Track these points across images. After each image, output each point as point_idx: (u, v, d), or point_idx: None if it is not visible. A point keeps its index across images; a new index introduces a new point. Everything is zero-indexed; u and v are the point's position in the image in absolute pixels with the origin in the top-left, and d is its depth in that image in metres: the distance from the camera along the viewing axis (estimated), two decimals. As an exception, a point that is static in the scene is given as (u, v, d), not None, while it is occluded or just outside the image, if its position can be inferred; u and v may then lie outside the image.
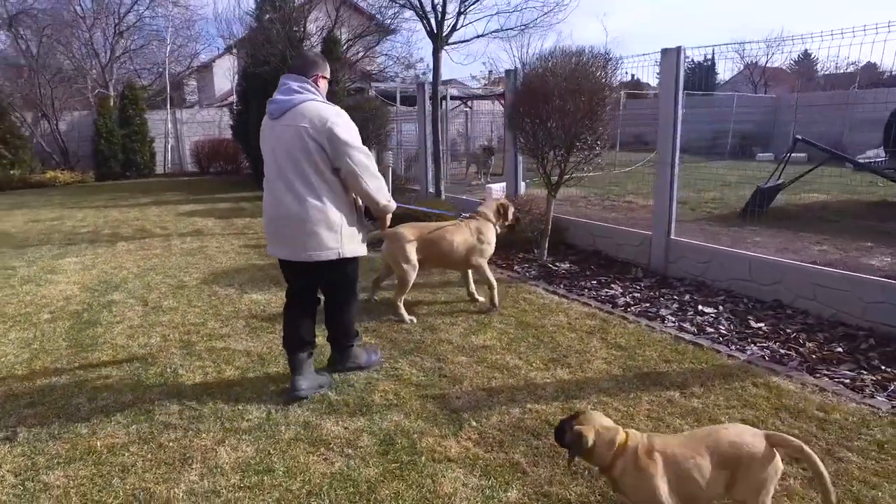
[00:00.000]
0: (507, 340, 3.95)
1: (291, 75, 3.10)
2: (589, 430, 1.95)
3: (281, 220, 3.07)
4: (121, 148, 16.66)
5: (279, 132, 3.02)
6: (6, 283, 5.77)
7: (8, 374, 3.67)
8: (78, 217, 9.97)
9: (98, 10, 21.16)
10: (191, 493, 2.41)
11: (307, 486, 2.43)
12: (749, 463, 1.87)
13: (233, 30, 15.51)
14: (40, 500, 2.42)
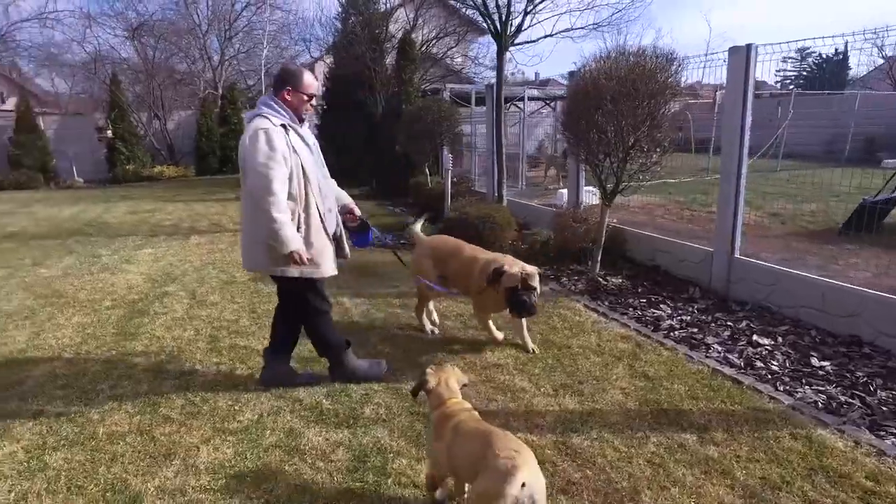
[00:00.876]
0: (523, 360, 3.74)
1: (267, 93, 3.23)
2: (433, 378, 2.38)
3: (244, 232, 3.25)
4: (219, 145, 17.90)
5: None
6: (88, 270, 6.33)
7: (58, 355, 3.99)
8: (168, 210, 10.78)
9: (212, 17, 22.90)
10: (160, 490, 2.47)
11: (266, 496, 2.40)
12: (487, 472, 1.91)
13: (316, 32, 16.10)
14: (36, 479, 2.58)
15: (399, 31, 12.84)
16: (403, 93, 10.86)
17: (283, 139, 2.94)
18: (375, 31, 12.41)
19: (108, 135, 16.63)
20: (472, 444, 2.07)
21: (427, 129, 9.15)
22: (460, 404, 2.34)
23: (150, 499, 2.43)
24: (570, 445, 2.75)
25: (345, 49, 12.67)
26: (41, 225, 9.70)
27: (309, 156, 3.12)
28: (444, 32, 13.78)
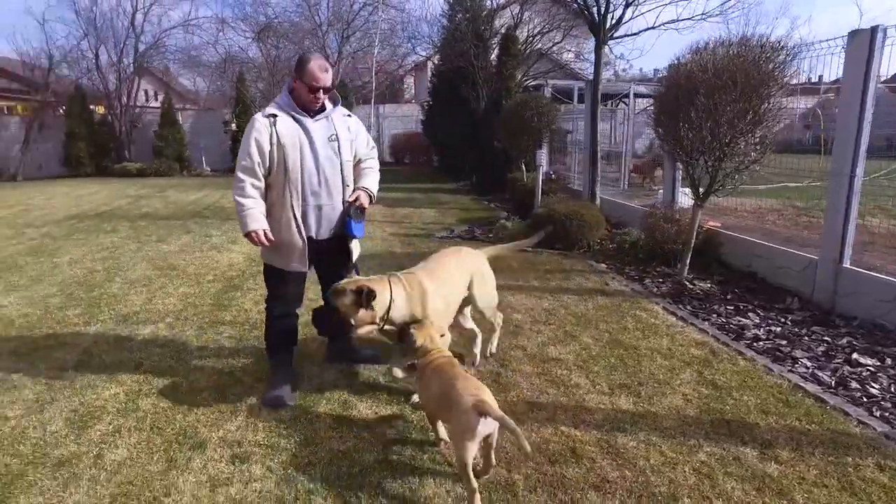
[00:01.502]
0: (585, 357, 3.66)
1: None
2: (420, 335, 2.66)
3: None
4: (334, 138, 18.92)
5: None
6: (199, 248, 7.02)
7: (162, 318, 4.50)
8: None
9: (332, 18, 24.24)
10: (222, 440, 2.73)
11: (311, 456, 2.58)
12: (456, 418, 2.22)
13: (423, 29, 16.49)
14: (129, 418, 2.97)
15: (503, 27, 12.84)
16: (504, 89, 10.87)
17: (266, 130, 2.96)
18: (480, 27, 12.51)
19: (232, 128, 18.17)
20: (440, 385, 2.39)
21: (525, 124, 9.11)
22: (442, 353, 2.61)
23: (213, 446, 2.71)
24: (614, 444, 2.67)
25: (449, 46, 12.90)
26: (169, 207, 10.86)
27: (301, 150, 3.01)
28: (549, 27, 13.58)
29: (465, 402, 2.20)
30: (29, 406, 3.16)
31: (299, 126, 3.03)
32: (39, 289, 5.43)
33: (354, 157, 3.29)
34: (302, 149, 3.01)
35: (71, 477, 2.52)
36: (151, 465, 2.58)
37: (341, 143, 3.13)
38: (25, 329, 4.36)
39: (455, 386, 2.31)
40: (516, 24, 12.65)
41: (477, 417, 2.14)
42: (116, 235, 8.08)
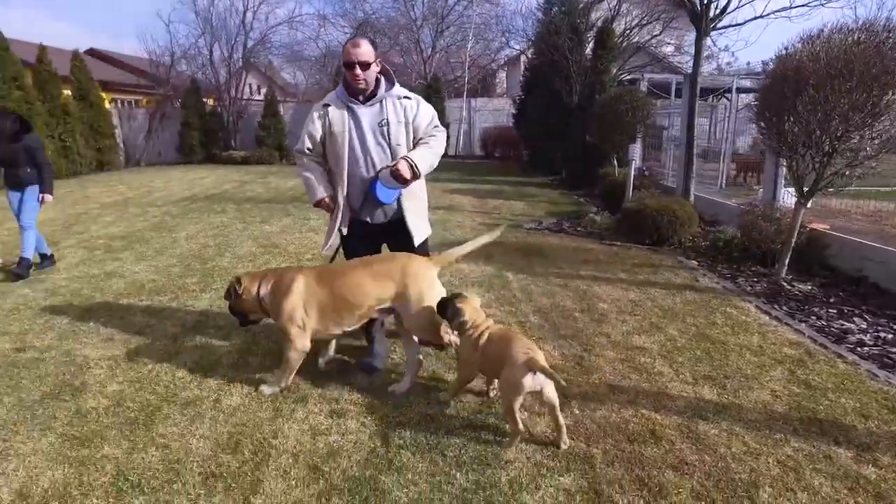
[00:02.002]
0: (670, 348, 3.65)
1: None
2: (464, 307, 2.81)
3: None
4: (423, 131, 19.36)
5: None
6: (298, 229, 7.54)
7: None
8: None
9: (427, 12, 24.75)
10: (321, 397, 3.00)
11: (401, 418, 2.80)
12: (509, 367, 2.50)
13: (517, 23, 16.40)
14: (240, 370, 3.31)
15: (600, 20, 12.61)
16: (598, 83, 10.70)
17: (318, 120, 3.13)
18: (576, 20, 12.36)
19: (330, 119, 19.08)
20: (497, 345, 2.64)
21: (618, 119, 8.96)
22: (486, 322, 2.83)
23: (313, 400, 3.01)
24: (695, 430, 2.68)
25: (544, 40, 12.84)
26: (270, 192, 11.63)
27: (350, 137, 3.06)
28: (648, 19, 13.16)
29: (518, 358, 2.47)
30: (160, 355, 3.61)
31: (349, 113, 3.07)
32: (162, 259, 6.07)
33: (414, 137, 3.17)
34: (351, 136, 3.06)
35: (196, 415, 2.88)
36: (261, 413, 2.90)
37: (391, 129, 3.08)
38: (154, 292, 4.92)
39: (511, 346, 2.56)
40: (613, 16, 12.37)
41: (526, 371, 2.42)
42: (225, 216, 8.79)
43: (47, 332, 4.08)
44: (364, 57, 2.96)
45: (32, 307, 4.62)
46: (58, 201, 10.55)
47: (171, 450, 2.59)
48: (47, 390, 3.19)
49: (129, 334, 3.99)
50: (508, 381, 2.50)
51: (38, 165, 5.61)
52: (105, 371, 3.42)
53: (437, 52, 25.69)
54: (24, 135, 5.56)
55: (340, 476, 2.38)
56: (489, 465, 2.43)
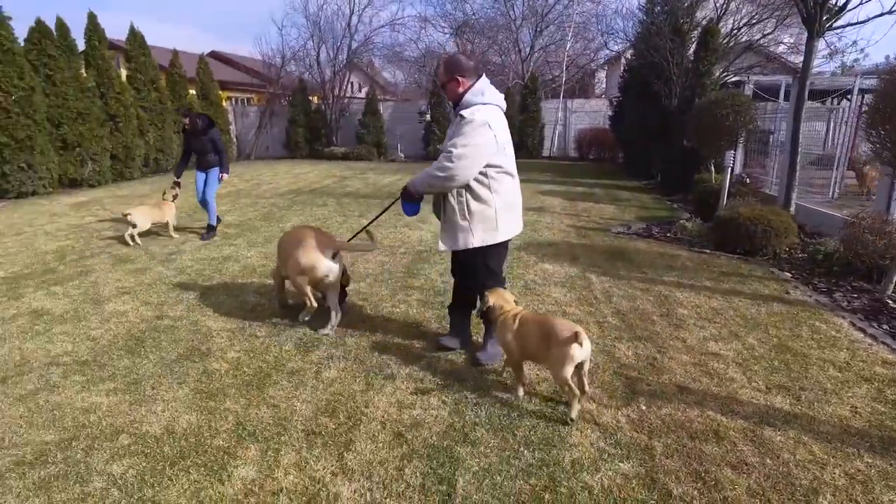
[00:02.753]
0: (746, 356, 3.66)
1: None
2: (492, 297, 3.24)
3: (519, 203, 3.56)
4: (517, 131, 19.46)
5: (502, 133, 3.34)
6: (393, 224, 8.03)
7: (363, 279, 5.38)
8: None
9: (527, 12, 24.83)
10: (408, 376, 3.35)
11: (477, 398, 3.08)
12: (557, 343, 2.82)
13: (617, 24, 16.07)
14: (338, 349, 3.74)
15: (705, 20, 12.17)
16: (699, 85, 10.37)
17: None
18: (679, 20, 12.01)
19: (426, 118, 19.67)
20: (535, 327, 2.97)
21: (718, 123, 8.68)
22: (515, 309, 3.19)
23: (401, 378, 3.37)
24: (759, 435, 2.75)
25: (644, 41, 12.57)
26: (368, 187, 12.30)
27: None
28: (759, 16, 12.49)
29: (566, 334, 2.79)
30: (269, 330, 4.14)
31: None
32: (271, 247, 6.74)
33: None
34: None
35: (299, 382, 3.33)
36: (354, 385, 3.29)
37: (447, 141, 3.33)
38: (264, 276, 5.53)
39: (554, 325, 2.89)
40: (720, 15, 11.86)
41: (573, 344, 2.76)
42: (326, 209, 9.48)
43: (178, 304, 4.76)
44: (440, 79, 3.45)
45: (166, 283, 5.37)
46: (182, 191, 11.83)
47: (280, 409, 3.04)
48: (181, 352, 3.79)
49: (243, 311, 4.57)
50: (560, 356, 2.80)
51: (219, 152, 7.47)
52: (225, 340, 3.97)
53: (536, 51, 25.69)
54: (210, 129, 7.36)
55: (421, 443, 2.70)
56: (554, 447, 2.66)
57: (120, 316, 4.51)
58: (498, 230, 3.39)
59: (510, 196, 3.43)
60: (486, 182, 3.31)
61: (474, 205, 3.33)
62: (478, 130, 3.18)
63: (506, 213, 3.41)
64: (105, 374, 3.50)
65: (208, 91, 18.17)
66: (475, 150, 3.19)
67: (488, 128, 3.20)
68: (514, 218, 3.50)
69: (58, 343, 3.99)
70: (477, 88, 3.32)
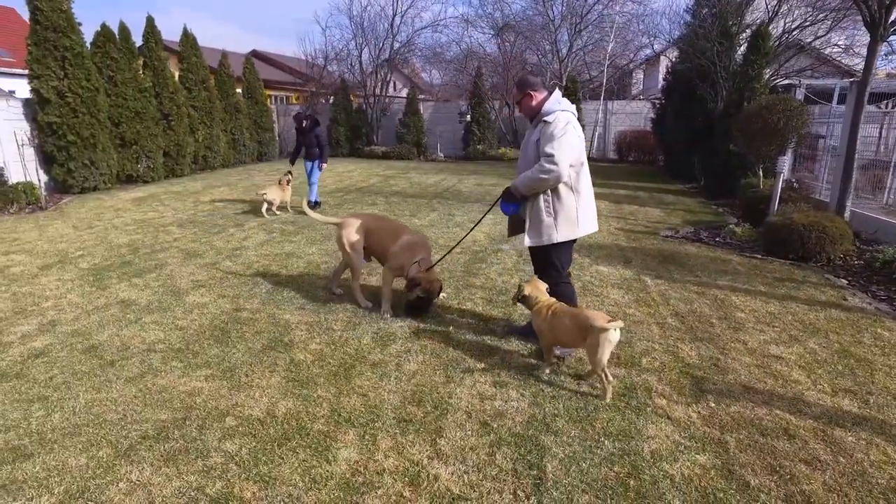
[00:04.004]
0: (809, 360, 3.77)
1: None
2: (528, 288, 3.64)
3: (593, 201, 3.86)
4: (557, 132, 19.52)
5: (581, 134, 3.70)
6: (444, 224, 8.27)
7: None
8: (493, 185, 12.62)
9: (566, 12, 24.76)
10: (484, 370, 3.56)
11: (553, 392, 3.27)
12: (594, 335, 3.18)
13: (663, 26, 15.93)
14: (349, 342, 3.97)
15: (756, 22, 12.05)
16: (749, 89, 10.30)
17: None
18: (728, 23, 11.93)
19: (467, 118, 19.88)
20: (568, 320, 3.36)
21: (769, 128, 8.65)
22: (549, 300, 3.61)
23: (478, 372, 3.58)
24: (831, 434, 2.88)
25: (691, 43, 12.50)
26: (414, 187, 12.56)
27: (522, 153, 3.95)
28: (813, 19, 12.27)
29: (601, 322, 3.15)
30: (345, 324, 4.40)
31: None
32: (329, 244, 7.04)
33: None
34: (522, 151, 3.93)
35: (383, 374, 3.57)
36: (435, 377, 3.52)
37: (530, 147, 3.78)
38: (327, 272, 5.81)
39: (587, 315, 3.27)
40: (771, 17, 11.72)
41: (608, 330, 3.13)
42: (377, 208, 9.77)
43: (253, 298, 5.06)
44: (514, 98, 4.01)
45: (238, 276, 5.70)
46: (232, 188, 12.29)
47: (369, 398, 3.28)
48: (265, 343, 4.08)
49: (316, 304, 4.85)
50: (597, 341, 3.15)
51: (321, 147, 9.59)
52: (304, 333, 4.25)
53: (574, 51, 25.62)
54: (315, 128, 9.56)
55: (507, 432, 2.91)
56: (632, 438, 2.84)
57: (201, 308, 4.83)
58: (578, 226, 3.72)
59: (588, 193, 3.76)
60: (568, 181, 3.64)
61: (558, 203, 3.66)
62: (567, 132, 3.56)
63: (585, 210, 3.74)
64: (199, 361, 3.80)
65: (254, 90, 18.72)
66: (570, 149, 3.56)
67: (573, 128, 3.60)
68: (591, 214, 3.81)
69: (150, 331, 4.33)
70: (553, 98, 3.74)
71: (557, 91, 3.86)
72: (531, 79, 3.88)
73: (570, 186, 3.65)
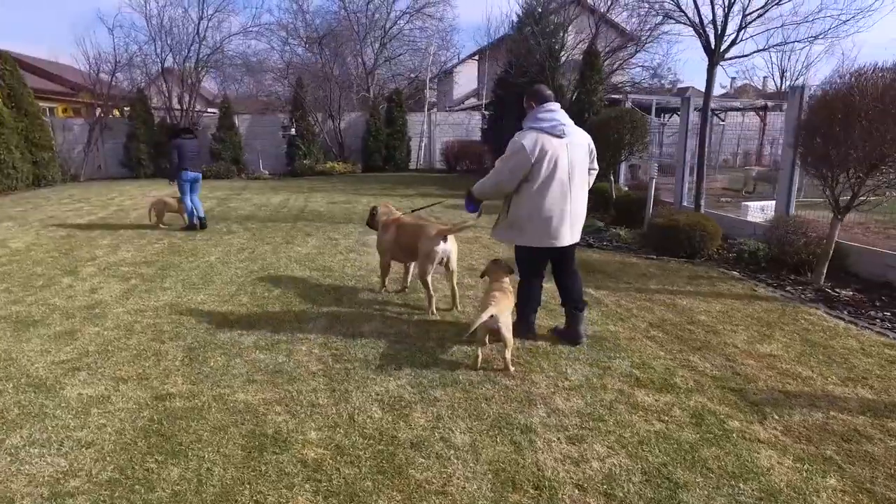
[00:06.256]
0: (794, 353, 4.08)
1: (556, 103, 3.97)
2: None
3: (575, 215, 4.04)
4: (384, 144, 19.35)
5: (572, 149, 3.91)
6: (333, 249, 7.48)
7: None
8: (363, 202, 12.01)
9: (370, 25, 24.72)
10: (542, 424, 3.15)
11: (637, 436, 3.00)
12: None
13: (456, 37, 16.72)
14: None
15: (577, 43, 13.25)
16: (588, 102, 11.29)
17: None
18: (553, 39, 12.92)
19: (291, 132, 18.64)
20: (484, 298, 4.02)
21: (617, 138, 9.49)
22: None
23: (552, 464, 3.13)
24: (889, 426, 3.08)
25: (521, 58, 13.27)
26: (262, 210, 11.28)
27: None
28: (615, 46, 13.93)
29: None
30: (328, 394, 3.57)
31: None
32: (227, 288, 5.84)
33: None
34: None
35: (438, 456, 2.94)
36: (500, 447, 3.00)
37: None
38: (241, 322, 4.77)
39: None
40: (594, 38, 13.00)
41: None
42: (237, 237, 8.49)
43: (170, 375, 3.89)
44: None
45: (124, 347, 4.36)
46: (21, 223, 9.70)
47: (454, 496, 2.65)
48: (243, 443, 3.10)
49: (262, 372, 3.89)
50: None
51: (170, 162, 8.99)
52: (284, 417, 3.34)
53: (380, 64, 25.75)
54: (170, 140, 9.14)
55: (637, 497, 2.55)
56: (758, 474, 2.70)
57: (100, 404, 3.53)
58: (524, 234, 4.04)
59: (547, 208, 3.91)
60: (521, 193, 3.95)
61: (512, 208, 4.05)
62: (509, 159, 3.90)
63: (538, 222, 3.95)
64: (160, 497, 2.73)
65: (19, 98, 15.18)
66: (502, 173, 3.97)
67: (520, 153, 3.81)
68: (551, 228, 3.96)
69: (37, 466, 3.02)
70: (530, 115, 3.98)
71: (546, 105, 3.92)
72: (530, 90, 4.13)
73: (524, 196, 3.91)
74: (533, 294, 4.27)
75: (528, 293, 4.26)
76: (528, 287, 4.25)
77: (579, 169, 3.96)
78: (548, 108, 3.92)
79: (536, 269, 4.21)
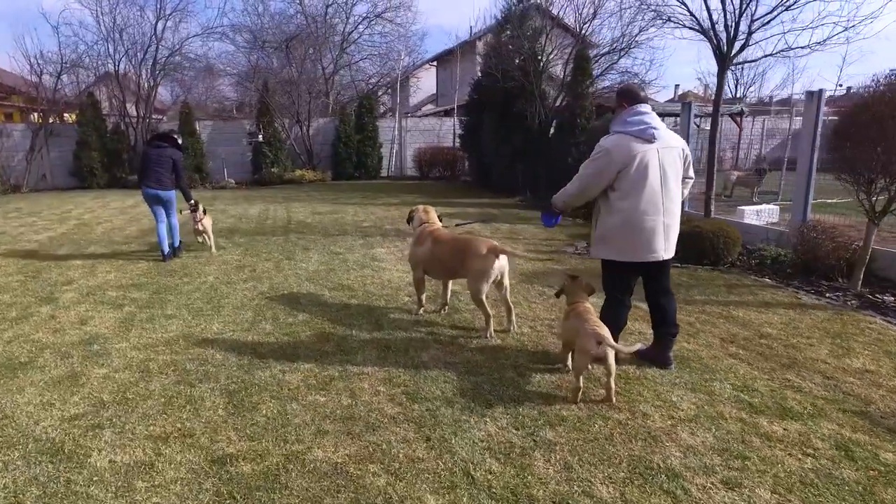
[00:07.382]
0: (888, 369, 3.91)
1: (647, 104, 3.71)
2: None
3: (668, 226, 3.66)
4: (355, 151, 18.75)
5: (664, 154, 3.61)
6: (343, 265, 6.96)
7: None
8: (349, 212, 11.46)
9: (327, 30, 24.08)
10: (685, 466, 2.81)
11: (794, 476, 2.70)
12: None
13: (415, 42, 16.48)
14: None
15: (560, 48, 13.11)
16: (578, 106, 11.14)
17: None
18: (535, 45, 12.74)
19: (259, 138, 17.78)
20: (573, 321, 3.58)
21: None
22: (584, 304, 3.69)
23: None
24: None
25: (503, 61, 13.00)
26: (244, 222, 10.58)
27: None
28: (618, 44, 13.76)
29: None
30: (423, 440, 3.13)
31: None
32: (227, 311, 5.27)
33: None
34: None
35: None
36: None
37: None
38: (285, 354, 4.25)
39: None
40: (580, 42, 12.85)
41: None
42: (228, 254, 7.83)
43: (218, 428, 3.34)
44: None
45: (144, 393, 3.76)
46: None
47: None
48: None
49: (340, 422, 3.39)
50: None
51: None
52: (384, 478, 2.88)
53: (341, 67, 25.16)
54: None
55: None
56: None
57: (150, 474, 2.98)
58: (611, 248, 3.76)
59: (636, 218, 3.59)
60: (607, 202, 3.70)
61: (600, 222, 3.79)
62: (596, 158, 3.64)
63: (627, 236, 3.65)
64: None
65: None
66: (588, 176, 3.72)
67: (606, 156, 3.58)
68: (640, 242, 3.64)
69: None
70: (617, 119, 3.74)
71: (637, 107, 3.66)
72: (622, 89, 4.00)
73: (613, 207, 3.64)
74: (620, 314, 3.89)
75: (616, 313, 3.86)
76: (616, 306, 3.88)
77: (673, 176, 3.65)
78: (638, 109, 3.63)
79: (627, 286, 3.87)
